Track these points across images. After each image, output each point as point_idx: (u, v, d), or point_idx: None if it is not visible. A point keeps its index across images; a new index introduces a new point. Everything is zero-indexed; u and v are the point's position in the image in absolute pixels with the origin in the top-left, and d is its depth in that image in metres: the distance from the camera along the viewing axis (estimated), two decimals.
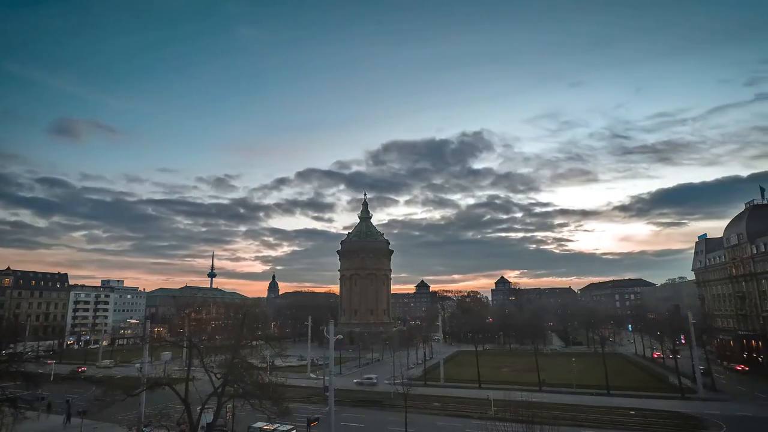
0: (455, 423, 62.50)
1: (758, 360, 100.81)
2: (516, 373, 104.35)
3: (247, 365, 46.06)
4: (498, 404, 59.45)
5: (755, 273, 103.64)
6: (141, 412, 52.72)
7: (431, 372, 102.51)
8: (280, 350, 68.20)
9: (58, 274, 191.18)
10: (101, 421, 58.56)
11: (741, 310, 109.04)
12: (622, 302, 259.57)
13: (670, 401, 74.42)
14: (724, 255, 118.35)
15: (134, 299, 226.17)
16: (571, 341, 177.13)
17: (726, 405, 71.60)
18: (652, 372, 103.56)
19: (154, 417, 47.44)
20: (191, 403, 41.95)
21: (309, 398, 77.70)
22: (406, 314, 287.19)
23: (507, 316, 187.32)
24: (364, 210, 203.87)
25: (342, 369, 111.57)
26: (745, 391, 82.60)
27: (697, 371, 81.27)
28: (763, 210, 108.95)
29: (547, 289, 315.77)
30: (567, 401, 73.26)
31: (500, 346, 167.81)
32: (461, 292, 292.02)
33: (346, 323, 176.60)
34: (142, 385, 47.56)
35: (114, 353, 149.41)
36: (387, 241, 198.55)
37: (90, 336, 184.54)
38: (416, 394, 70.35)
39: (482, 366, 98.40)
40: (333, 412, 48.92)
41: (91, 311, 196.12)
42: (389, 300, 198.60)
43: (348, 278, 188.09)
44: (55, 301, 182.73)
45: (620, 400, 74.13)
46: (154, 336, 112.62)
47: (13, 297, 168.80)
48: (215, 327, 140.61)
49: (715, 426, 59.57)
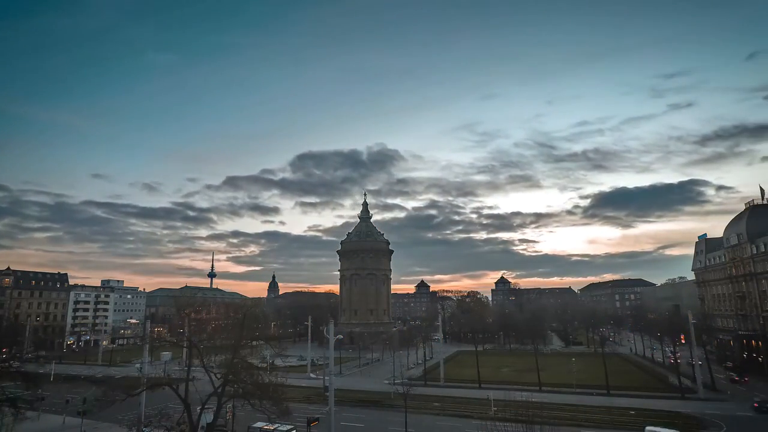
0: (455, 423, 62.48)
1: (758, 360, 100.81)
2: (516, 373, 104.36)
3: (247, 365, 46.07)
4: (498, 404, 59.51)
5: (755, 273, 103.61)
6: (141, 412, 52.65)
7: (431, 372, 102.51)
8: (280, 350, 68.29)
9: (58, 274, 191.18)
10: (101, 421, 58.59)
11: (741, 310, 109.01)
12: (622, 302, 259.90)
13: (670, 401, 74.46)
14: (724, 255, 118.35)
15: (134, 299, 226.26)
16: (571, 341, 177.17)
17: (726, 405, 71.63)
18: (652, 372, 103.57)
19: (154, 417, 47.47)
20: (191, 403, 41.97)
21: (309, 398, 77.72)
22: (406, 314, 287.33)
23: (507, 316, 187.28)
24: (363, 210, 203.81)
25: (342, 369, 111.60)
26: (745, 391, 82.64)
27: (697, 371, 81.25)
28: (763, 210, 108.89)
29: (547, 289, 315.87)
30: (567, 401, 73.22)
31: (500, 346, 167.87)
32: (461, 292, 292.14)
33: (346, 323, 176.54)
34: (142, 385, 47.57)
35: (114, 353, 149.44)
36: (387, 241, 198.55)
37: (90, 336, 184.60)
38: (416, 394, 70.41)
39: (482, 366, 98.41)
40: (333, 412, 48.93)
41: (91, 311, 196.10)
42: (389, 300, 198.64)
43: (348, 278, 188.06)
44: (55, 301, 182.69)
45: (620, 400, 74.09)
46: (154, 336, 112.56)
47: (13, 297, 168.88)
48: (215, 327, 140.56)
49: (715, 426, 59.61)
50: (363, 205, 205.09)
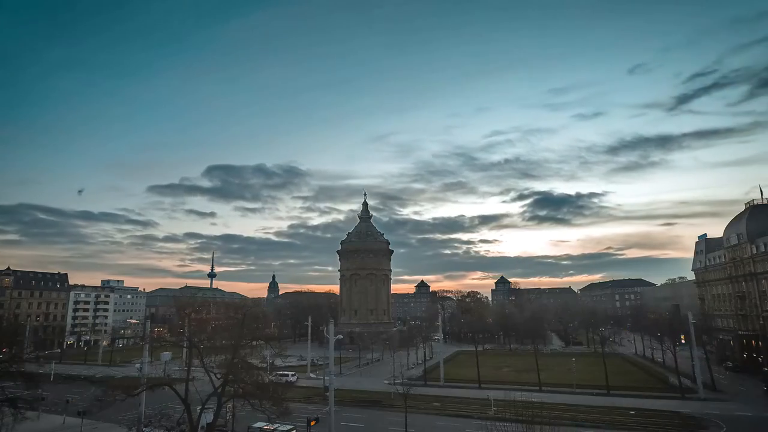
0: (455, 423, 62.49)
1: (758, 360, 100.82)
2: (516, 373, 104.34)
3: (247, 365, 46.09)
4: (498, 404, 59.46)
5: (755, 273, 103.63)
6: (141, 412, 52.67)
7: (431, 372, 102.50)
8: (280, 350, 68.30)
9: (58, 274, 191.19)
10: (101, 421, 58.58)
11: (741, 310, 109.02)
12: (622, 302, 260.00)
13: (670, 401, 74.42)
14: (724, 255, 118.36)
15: (134, 299, 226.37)
16: (571, 341, 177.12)
17: (726, 405, 71.61)
18: (652, 372, 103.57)
19: (154, 417, 47.50)
20: (191, 403, 41.98)
21: (309, 398, 77.69)
22: (406, 314, 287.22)
23: (507, 316, 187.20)
24: (363, 210, 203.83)
25: (342, 369, 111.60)
26: (745, 391, 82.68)
27: (697, 371, 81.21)
28: (763, 210, 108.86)
29: (547, 289, 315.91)
30: (567, 401, 73.18)
31: (500, 346, 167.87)
32: (461, 292, 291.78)
33: (346, 323, 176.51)
34: (142, 385, 47.58)
35: (114, 353, 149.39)
36: (387, 241, 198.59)
37: (90, 336, 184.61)
38: (416, 394, 70.39)
39: (482, 366, 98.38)
40: (333, 412, 48.95)
41: (91, 311, 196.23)
42: (389, 300, 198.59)
43: (348, 278, 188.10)
44: (55, 301, 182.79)
45: (620, 400, 74.12)
46: (154, 336, 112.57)
47: (13, 297, 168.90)
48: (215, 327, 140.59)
49: (715, 426, 59.59)
50: (363, 206, 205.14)
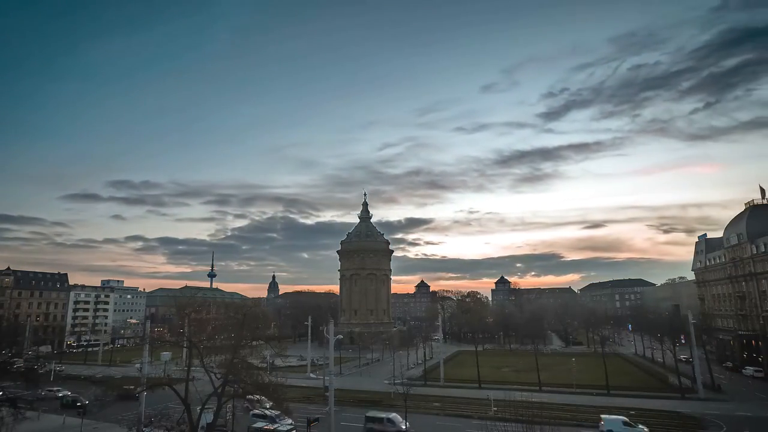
0: (455, 423, 62.43)
1: (758, 360, 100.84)
2: (516, 373, 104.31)
3: (247, 365, 46.09)
4: (498, 404, 59.47)
5: (755, 273, 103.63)
6: (141, 412, 52.69)
7: (431, 372, 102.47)
8: (280, 350, 68.22)
9: (58, 274, 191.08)
10: (101, 421, 58.59)
11: (741, 310, 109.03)
12: (622, 302, 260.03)
13: (670, 401, 74.43)
14: (723, 255, 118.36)
15: (134, 299, 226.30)
16: (571, 341, 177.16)
17: (726, 405, 71.62)
18: (652, 372, 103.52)
19: (154, 417, 47.52)
20: (191, 403, 41.99)
21: (309, 398, 77.67)
22: (406, 314, 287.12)
23: (507, 316, 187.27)
24: (363, 210, 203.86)
25: (342, 369, 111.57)
26: (745, 391, 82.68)
27: (697, 371, 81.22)
28: (763, 210, 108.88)
29: (547, 289, 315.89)
30: (567, 401, 73.16)
31: (500, 346, 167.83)
32: (461, 292, 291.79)
33: (346, 323, 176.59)
34: (142, 385, 47.58)
35: (114, 353, 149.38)
36: (387, 241, 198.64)
37: (90, 336, 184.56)
38: (416, 394, 70.45)
39: (482, 366, 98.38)
40: (333, 412, 48.95)
41: (91, 311, 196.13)
42: (389, 300, 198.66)
43: (348, 278, 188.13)
44: (55, 301, 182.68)
45: (620, 400, 74.09)
46: (154, 336, 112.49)
47: (13, 297, 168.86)
48: (215, 327, 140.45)
49: (715, 426, 59.56)
50: (363, 206, 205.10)
